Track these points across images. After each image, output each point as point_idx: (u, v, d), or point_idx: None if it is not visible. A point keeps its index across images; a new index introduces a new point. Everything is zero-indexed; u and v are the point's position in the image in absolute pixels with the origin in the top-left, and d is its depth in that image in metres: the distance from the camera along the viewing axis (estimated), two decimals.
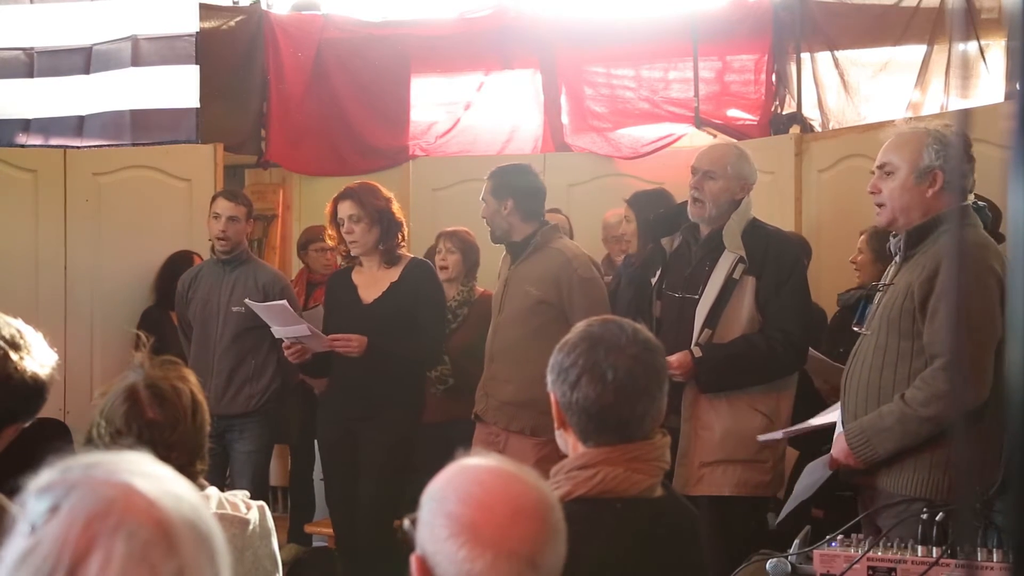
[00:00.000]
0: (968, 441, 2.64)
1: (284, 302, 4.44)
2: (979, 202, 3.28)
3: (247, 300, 4.60)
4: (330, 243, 4.67)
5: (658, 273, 3.97)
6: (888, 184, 3.03)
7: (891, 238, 3.14)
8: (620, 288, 4.77)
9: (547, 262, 4.28)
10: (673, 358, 3.64)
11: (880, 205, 3.06)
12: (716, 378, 3.75)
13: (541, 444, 4.00)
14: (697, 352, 3.73)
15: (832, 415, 3.62)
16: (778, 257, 3.82)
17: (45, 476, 0.98)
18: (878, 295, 3.12)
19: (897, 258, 3.08)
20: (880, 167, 3.06)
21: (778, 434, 3.65)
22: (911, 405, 2.89)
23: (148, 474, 0.98)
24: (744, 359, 3.73)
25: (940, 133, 3.02)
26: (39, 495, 0.96)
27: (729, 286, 3.78)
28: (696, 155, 4.01)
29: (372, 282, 4.46)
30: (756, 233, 3.86)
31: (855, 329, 3.19)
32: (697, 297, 3.81)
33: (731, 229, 3.83)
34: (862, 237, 4.80)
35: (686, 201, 3.97)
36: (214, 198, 5.05)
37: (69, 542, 0.91)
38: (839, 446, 3.04)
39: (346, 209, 4.38)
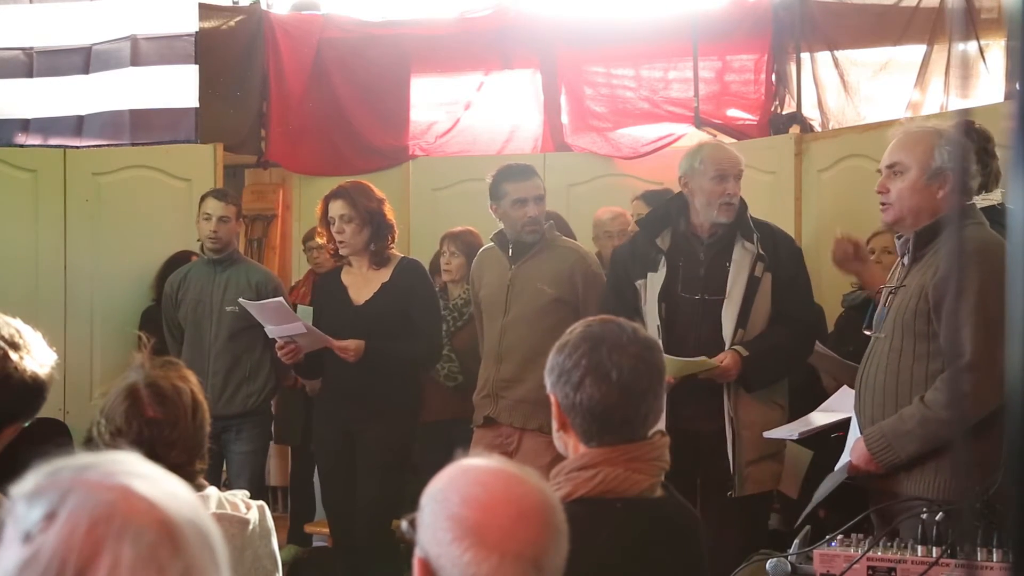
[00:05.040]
0: (970, 441, 2.64)
1: (280, 299, 4.42)
2: (1002, 204, 3.28)
3: (241, 300, 4.58)
4: (320, 241, 4.66)
5: (662, 274, 3.87)
6: (897, 184, 2.98)
7: (896, 239, 3.12)
8: None
9: (559, 259, 4.28)
10: (727, 361, 3.68)
11: (886, 204, 3.03)
12: (762, 375, 3.78)
13: None
14: (744, 352, 3.73)
15: (836, 413, 3.61)
16: (787, 250, 3.92)
17: (30, 482, 0.95)
18: (887, 296, 3.09)
19: (904, 259, 3.05)
20: (889, 166, 3.01)
21: (793, 435, 3.63)
22: (932, 407, 2.84)
23: (143, 475, 0.97)
24: (781, 352, 3.80)
25: (950, 133, 2.98)
26: (30, 502, 0.93)
27: (752, 285, 3.80)
28: (732, 162, 3.92)
29: (363, 283, 4.43)
30: (761, 229, 3.89)
31: (866, 333, 3.17)
32: (720, 298, 3.80)
33: (746, 224, 3.88)
34: (885, 236, 4.71)
35: (672, 199, 4.03)
36: (203, 198, 5.02)
37: (73, 548, 0.89)
38: (858, 451, 2.98)
39: (337, 209, 4.36)
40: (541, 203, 4.30)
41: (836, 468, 3.15)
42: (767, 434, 3.73)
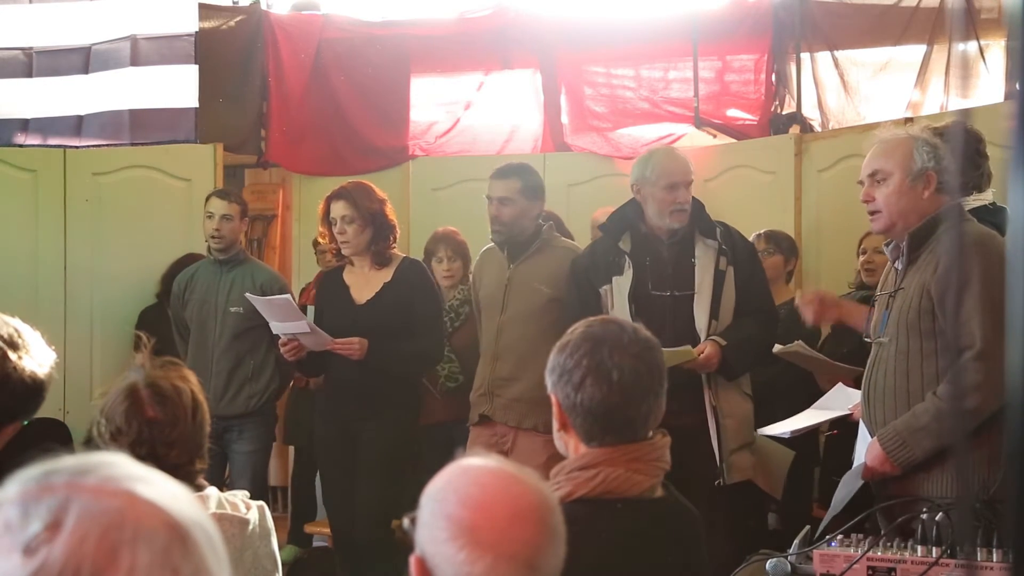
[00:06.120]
0: (984, 435, 2.63)
1: (288, 296, 4.42)
2: (994, 204, 3.29)
3: (247, 294, 4.58)
4: (321, 241, 4.67)
5: (628, 276, 3.95)
6: (882, 190, 3.01)
7: (885, 246, 3.14)
8: None
9: (556, 259, 4.30)
10: (708, 351, 3.81)
11: (874, 212, 3.05)
12: (740, 363, 3.92)
13: (552, 440, 4.00)
14: (722, 341, 3.85)
15: (828, 411, 3.62)
16: (743, 245, 4.09)
17: (15, 488, 0.93)
18: (886, 301, 3.09)
19: (898, 264, 3.06)
20: (871, 175, 3.05)
21: (786, 433, 3.66)
22: (946, 400, 2.83)
23: (143, 478, 0.96)
24: (754, 341, 3.95)
25: (925, 136, 3.02)
26: (24, 510, 0.91)
27: (719, 278, 3.94)
28: (664, 170, 4.01)
29: (364, 282, 4.44)
30: (718, 226, 4.04)
31: (866, 340, 3.18)
32: (690, 293, 3.93)
33: (706, 222, 4.01)
34: (876, 236, 4.72)
35: (627, 204, 4.08)
36: (208, 197, 5.05)
37: (86, 557, 0.88)
38: (873, 453, 2.95)
39: (339, 209, 4.37)
40: (504, 205, 4.30)
41: (848, 472, 3.13)
42: (763, 431, 3.80)
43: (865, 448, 3.04)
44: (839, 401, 3.62)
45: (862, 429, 3.13)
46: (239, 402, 4.82)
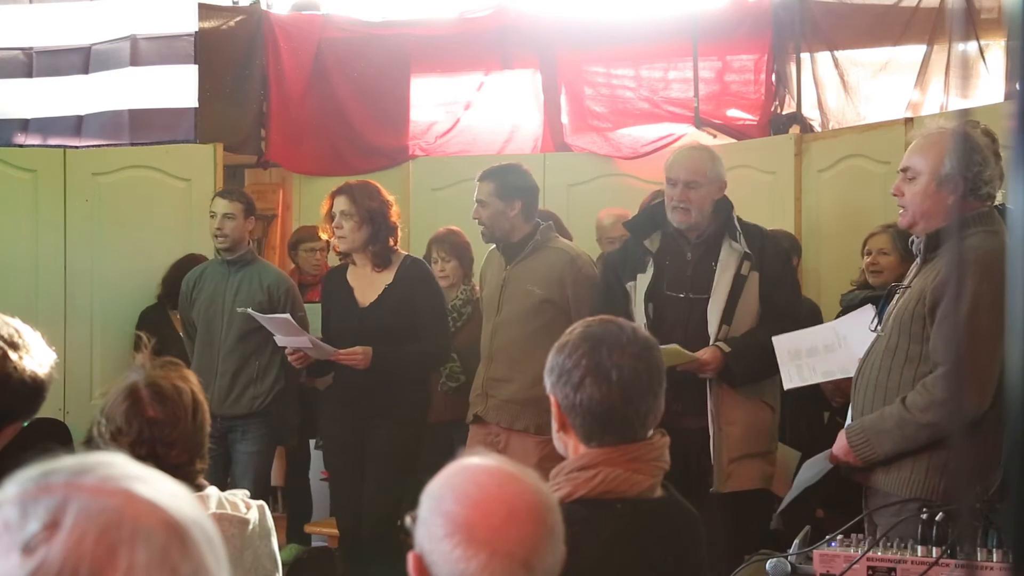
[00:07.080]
0: (966, 444, 2.64)
1: (287, 316, 4.42)
2: (1002, 204, 3.29)
3: (250, 311, 4.58)
4: (324, 237, 4.67)
5: (649, 274, 3.96)
6: (911, 188, 3.02)
7: (910, 243, 3.15)
8: None
9: (550, 261, 4.30)
10: (706, 356, 3.74)
11: (902, 207, 3.07)
12: (747, 371, 3.83)
13: (544, 442, 4.00)
14: (726, 347, 3.80)
15: (832, 370, 3.60)
16: (774, 249, 4.00)
17: (14, 488, 0.93)
18: (896, 296, 3.12)
19: (918, 259, 3.08)
20: (903, 170, 3.05)
21: (797, 381, 3.64)
22: (910, 410, 2.90)
23: (142, 477, 0.96)
24: (768, 349, 3.80)
25: (966, 135, 2.99)
26: (23, 510, 0.91)
27: (738, 283, 3.86)
28: (668, 164, 4.00)
29: (367, 284, 4.45)
30: (748, 229, 3.96)
31: (870, 331, 3.19)
32: (706, 297, 3.87)
33: (732, 224, 3.93)
34: (881, 237, 4.70)
35: (659, 202, 4.05)
36: (213, 197, 5.06)
37: (84, 556, 0.88)
38: (840, 443, 3.05)
39: (340, 204, 4.39)
40: (481, 207, 4.34)
41: (813, 458, 3.19)
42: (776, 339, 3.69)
43: None
44: (854, 328, 3.51)
45: (851, 414, 3.18)
46: (243, 403, 4.82)
